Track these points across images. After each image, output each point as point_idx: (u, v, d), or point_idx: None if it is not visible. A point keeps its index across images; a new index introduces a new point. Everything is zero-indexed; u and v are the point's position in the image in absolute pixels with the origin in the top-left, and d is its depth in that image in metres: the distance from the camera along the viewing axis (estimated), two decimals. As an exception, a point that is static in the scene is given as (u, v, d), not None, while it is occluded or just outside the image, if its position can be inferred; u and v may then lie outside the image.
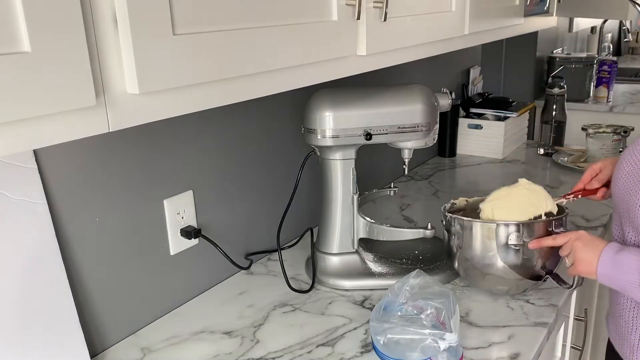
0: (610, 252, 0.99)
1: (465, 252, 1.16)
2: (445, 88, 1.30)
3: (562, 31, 3.15)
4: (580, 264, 1.03)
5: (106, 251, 1.04)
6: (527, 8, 1.63)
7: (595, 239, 1.04)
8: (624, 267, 0.96)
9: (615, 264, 0.98)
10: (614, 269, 0.98)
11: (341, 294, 1.24)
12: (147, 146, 1.07)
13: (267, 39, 0.75)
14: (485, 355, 1.02)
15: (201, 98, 0.70)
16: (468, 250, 1.15)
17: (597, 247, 1.01)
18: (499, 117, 2.19)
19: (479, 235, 1.14)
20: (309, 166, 1.30)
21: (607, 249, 1.00)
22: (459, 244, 1.17)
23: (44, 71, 0.52)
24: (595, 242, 1.03)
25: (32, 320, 0.91)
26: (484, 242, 1.13)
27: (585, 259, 1.03)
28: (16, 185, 0.87)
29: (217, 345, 1.07)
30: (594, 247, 1.02)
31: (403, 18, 1.04)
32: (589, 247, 1.03)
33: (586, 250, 1.03)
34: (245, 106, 1.26)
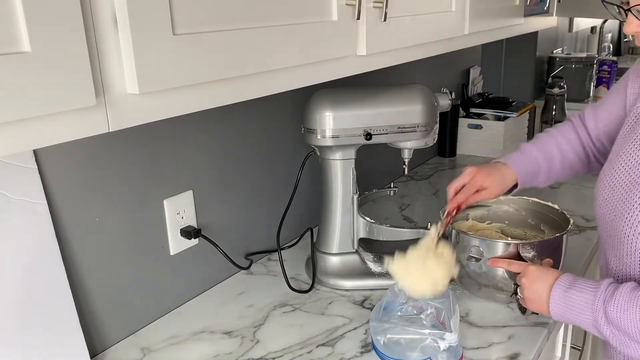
0: (560, 292, 0.91)
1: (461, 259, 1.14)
2: (445, 88, 1.30)
3: (562, 31, 3.15)
4: (530, 304, 0.97)
5: (106, 251, 1.04)
6: (527, 8, 1.63)
7: (542, 275, 0.95)
8: (575, 308, 0.89)
9: (567, 304, 0.90)
10: (566, 309, 0.90)
11: (341, 294, 1.24)
12: (147, 146, 1.07)
13: (267, 39, 0.75)
14: (485, 355, 1.02)
15: (201, 98, 0.70)
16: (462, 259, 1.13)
17: (545, 286, 0.93)
18: (499, 117, 2.19)
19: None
20: (309, 166, 1.30)
21: (556, 288, 0.92)
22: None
23: (44, 71, 0.52)
24: (542, 278, 0.95)
25: (32, 320, 0.91)
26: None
27: (533, 299, 0.95)
28: (16, 185, 0.87)
29: (217, 345, 1.07)
30: (542, 285, 0.94)
31: (403, 18, 1.04)
32: (536, 284, 0.95)
33: (532, 289, 0.96)
34: (245, 106, 1.26)
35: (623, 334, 0.85)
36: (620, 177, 0.97)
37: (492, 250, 1.09)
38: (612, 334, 0.86)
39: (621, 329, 0.85)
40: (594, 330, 0.89)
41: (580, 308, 0.89)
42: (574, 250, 1.26)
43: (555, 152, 1.18)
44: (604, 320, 0.86)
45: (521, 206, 1.30)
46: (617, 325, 0.85)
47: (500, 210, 1.32)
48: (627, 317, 0.84)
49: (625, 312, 0.84)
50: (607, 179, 1.00)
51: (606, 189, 0.99)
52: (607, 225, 0.99)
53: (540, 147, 1.18)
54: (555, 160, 1.18)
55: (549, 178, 1.19)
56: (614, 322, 0.85)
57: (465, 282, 1.18)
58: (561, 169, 1.19)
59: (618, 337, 0.86)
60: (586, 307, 0.88)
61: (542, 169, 1.17)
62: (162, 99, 0.65)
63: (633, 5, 0.88)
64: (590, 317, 0.88)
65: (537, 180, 1.19)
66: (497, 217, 1.31)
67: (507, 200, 1.31)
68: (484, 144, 2.16)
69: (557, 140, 1.19)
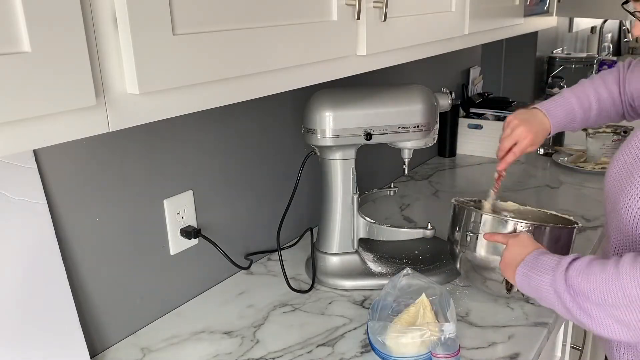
0: (534, 254, 0.93)
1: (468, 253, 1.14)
2: (445, 88, 1.30)
3: (562, 31, 3.16)
4: (505, 266, 0.97)
5: (106, 251, 1.04)
6: (527, 8, 1.63)
7: (527, 243, 0.96)
8: (541, 267, 0.89)
9: (534, 264, 0.91)
10: (532, 270, 0.91)
11: (341, 294, 1.24)
12: (147, 146, 1.07)
13: (267, 39, 0.75)
14: (485, 355, 1.02)
15: (201, 98, 0.70)
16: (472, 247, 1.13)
17: (524, 251, 0.94)
18: (499, 117, 2.19)
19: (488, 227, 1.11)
20: (309, 166, 1.30)
21: (534, 252, 0.93)
22: (463, 242, 1.15)
23: (44, 71, 0.52)
24: (525, 244, 0.96)
25: (32, 320, 0.91)
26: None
27: (510, 260, 0.96)
28: (16, 185, 0.87)
29: (217, 345, 1.07)
30: (522, 250, 0.95)
31: (403, 18, 1.04)
32: (517, 248, 0.96)
33: (511, 251, 0.96)
34: (245, 106, 1.26)
35: (580, 296, 0.83)
36: (633, 153, 0.98)
37: (490, 226, 1.10)
38: (566, 295, 0.84)
39: (577, 290, 0.83)
40: (553, 294, 0.87)
41: (545, 267, 0.89)
42: (573, 251, 1.26)
43: (594, 103, 1.23)
44: (563, 278, 0.85)
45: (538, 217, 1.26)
46: (574, 285, 0.84)
47: None
48: (586, 276, 0.83)
49: (584, 272, 0.83)
50: (622, 154, 1.01)
51: (618, 163, 1.01)
52: (612, 199, 1.00)
53: (579, 95, 1.23)
54: (592, 111, 1.23)
55: (582, 125, 1.26)
56: (572, 282, 0.84)
57: (471, 276, 1.18)
58: (596, 119, 1.25)
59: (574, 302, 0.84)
60: (550, 266, 0.88)
61: (578, 118, 1.23)
62: (162, 99, 0.65)
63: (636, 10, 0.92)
64: (551, 276, 0.87)
65: (570, 128, 1.25)
66: None
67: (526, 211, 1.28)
68: (484, 144, 2.16)
69: (598, 92, 1.23)
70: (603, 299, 0.81)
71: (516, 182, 1.88)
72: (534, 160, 2.12)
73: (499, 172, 1.23)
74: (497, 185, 1.22)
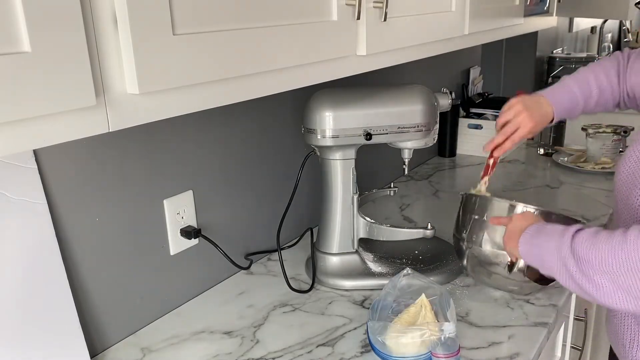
0: (539, 224, 0.94)
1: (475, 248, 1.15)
2: (445, 88, 1.30)
3: (562, 31, 3.16)
4: (508, 239, 0.99)
5: (106, 251, 1.04)
6: (527, 8, 1.63)
7: (530, 216, 0.99)
8: (546, 234, 0.91)
9: (538, 232, 0.92)
10: (536, 237, 0.92)
11: (341, 294, 1.24)
12: (147, 146, 1.07)
13: (267, 39, 0.75)
14: (485, 355, 1.02)
15: (201, 98, 0.70)
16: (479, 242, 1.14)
17: (526, 223, 0.96)
18: (499, 117, 2.19)
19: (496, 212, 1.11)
20: (309, 166, 1.30)
21: (534, 225, 0.95)
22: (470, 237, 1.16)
23: (44, 71, 0.52)
24: (528, 218, 0.98)
25: (32, 320, 0.91)
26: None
27: (513, 232, 0.98)
28: (16, 185, 0.87)
29: (217, 345, 1.07)
30: (524, 222, 0.97)
31: (403, 18, 1.04)
32: (519, 222, 0.98)
33: (518, 222, 0.98)
34: (245, 106, 1.26)
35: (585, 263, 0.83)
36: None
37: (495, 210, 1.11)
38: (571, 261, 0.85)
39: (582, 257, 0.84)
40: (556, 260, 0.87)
41: (550, 234, 0.90)
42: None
43: (595, 89, 1.22)
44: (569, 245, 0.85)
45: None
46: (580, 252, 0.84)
47: None
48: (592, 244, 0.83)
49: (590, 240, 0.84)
50: (633, 150, 1.01)
51: (630, 160, 1.00)
52: (624, 197, 1.00)
53: (581, 83, 1.22)
54: (592, 98, 1.22)
55: (582, 112, 1.25)
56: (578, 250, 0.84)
57: (477, 270, 1.18)
58: (594, 106, 1.24)
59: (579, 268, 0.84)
60: (556, 232, 0.89)
61: (579, 105, 1.22)
62: (162, 99, 0.65)
63: None
64: (556, 242, 0.88)
65: (571, 115, 1.24)
66: None
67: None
68: (484, 144, 2.15)
69: (599, 78, 1.23)
70: (608, 265, 0.81)
71: (516, 182, 1.88)
72: (534, 160, 2.12)
73: (495, 158, 1.21)
74: (491, 172, 1.19)
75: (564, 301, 1.19)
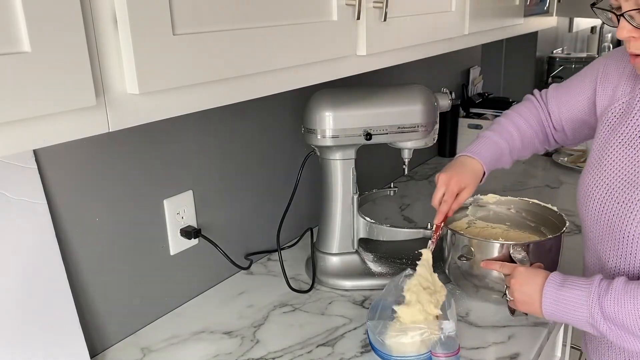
0: (552, 290, 0.91)
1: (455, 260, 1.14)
2: (445, 88, 1.30)
3: (562, 31, 3.16)
4: (521, 305, 0.97)
5: (106, 251, 1.04)
6: (527, 8, 1.63)
7: (533, 276, 0.96)
8: (569, 306, 0.89)
9: (559, 302, 0.90)
10: (559, 307, 0.90)
11: (341, 294, 1.24)
12: (147, 146, 1.07)
13: (267, 39, 0.75)
14: (485, 355, 1.02)
15: (201, 98, 0.70)
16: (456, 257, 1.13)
17: (536, 287, 0.94)
18: (499, 117, 2.19)
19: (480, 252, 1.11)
20: (309, 166, 1.30)
21: (548, 287, 0.92)
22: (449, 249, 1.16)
23: (44, 71, 0.52)
24: (532, 279, 0.95)
25: (32, 320, 0.91)
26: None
27: (524, 300, 0.96)
28: (16, 185, 0.87)
29: (217, 345, 1.07)
30: (532, 286, 0.94)
31: (403, 18, 1.04)
32: (526, 286, 0.95)
33: (522, 291, 0.96)
34: (245, 106, 1.26)
35: (620, 327, 0.85)
36: (614, 178, 0.97)
37: (483, 249, 1.09)
38: (609, 329, 0.86)
39: (618, 323, 0.84)
40: (589, 327, 0.88)
41: (574, 305, 0.89)
42: (572, 251, 1.26)
43: (514, 132, 1.20)
44: (600, 315, 0.86)
45: (521, 207, 1.30)
46: (614, 319, 0.85)
47: (502, 212, 1.32)
48: (624, 310, 0.84)
49: (621, 305, 0.84)
50: (598, 180, 0.99)
51: (600, 189, 0.98)
52: (605, 226, 0.98)
53: (498, 131, 1.20)
54: (515, 139, 1.19)
55: (512, 157, 1.21)
56: (611, 317, 0.85)
57: (462, 284, 1.18)
58: (522, 146, 1.21)
59: (615, 332, 0.86)
60: (580, 303, 0.88)
61: (505, 150, 1.18)
62: (162, 99, 0.65)
63: (625, 11, 0.87)
64: (586, 314, 0.87)
65: (502, 163, 1.20)
66: (499, 218, 1.31)
67: (508, 201, 1.31)
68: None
69: (514, 121, 1.20)
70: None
71: (516, 182, 1.88)
72: (534, 160, 2.12)
73: (437, 225, 1.15)
74: (435, 238, 1.14)
75: (564, 301, 1.19)
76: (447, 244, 1.17)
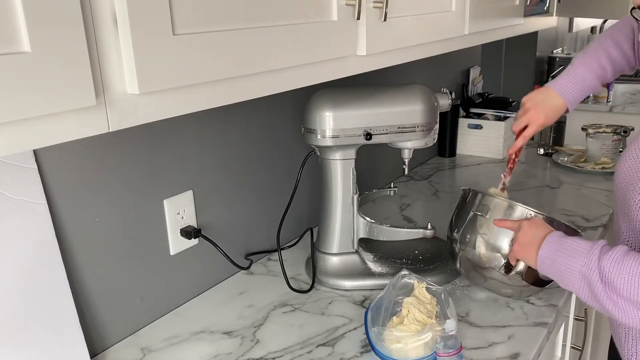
0: (556, 237, 0.93)
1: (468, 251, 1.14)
2: (445, 88, 1.30)
3: (562, 31, 3.16)
4: (519, 248, 0.98)
5: (106, 251, 1.04)
6: (527, 8, 1.63)
7: (543, 224, 0.98)
8: (569, 250, 0.90)
9: (560, 246, 0.91)
10: (558, 252, 0.91)
11: (341, 294, 1.24)
12: (147, 146, 1.07)
13: (267, 39, 0.75)
14: (485, 355, 1.02)
15: (201, 98, 0.70)
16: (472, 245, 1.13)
17: (541, 232, 0.96)
18: (499, 117, 2.19)
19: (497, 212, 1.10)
20: (309, 166, 1.30)
21: (554, 234, 0.94)
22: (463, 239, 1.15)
23: (44, 71, 0.52)
24: (542, 226, 0.98)
25: (33, 320, 0.91)
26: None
27: (524, 242, 0.97)
28: (16, 185, 0.87)
29: (217, 345, 1.07)
30: (539, 230, 0.96)
31: (403, 18, 1.04)
32: (533, 229, 0.97)
33: (527, 233, 0.97)
34: (245, 106, 1.26)
35: (611, 289, 0.84)
36: None
37: (499, 210, 1.10)
38: (598, 284, 0.85)
39: (610, 282, 0.84)
40: (579, 278, 0.87)
41: (572, 252, 0.89)
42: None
43: (607, 65, 1.24)
44: (596, 267, 0.85)
45: None
46: (607, 276, 0.84)
47: None
48: (620, 270, 0.83)
49: (618, 265, 0.83)
50: (633, 149, 1.01)
51: (630, 159, 1.00)
52: (622, 194, 1.00)
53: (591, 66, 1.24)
54: (607, 74, 1.25)
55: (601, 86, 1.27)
56: (605, 272, 0.84)
57: (472, 275, 1.18)
58: (610, 78, 1.27)
59: (603, 291, 0.85)
60: (579, 252, 0.88)
61: (594, 85, 1.25)
62: (162, 99, 0.65)
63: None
64: (580, 262, 0.87)
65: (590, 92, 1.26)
66: None
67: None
68: (484, 144, 2.16)
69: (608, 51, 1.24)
70: (635, 295, 0.82)
71: (516, 182, 1.88)
72: (534, 160, 2.12)
73: (509, 155, 1.25)
74: (509, 171, 1.23)
75: (564, 301, 1.19)
76: (457, 238, 1.17)
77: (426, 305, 1.02)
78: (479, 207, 1.13)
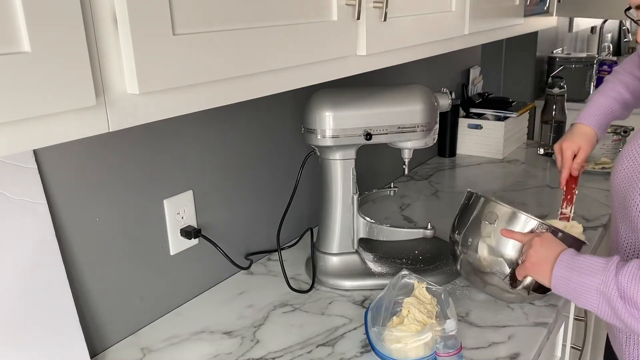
0: (569, 255, 0.92)
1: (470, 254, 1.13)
2: (445, 88, 1.30)
3: (562, 31, 3.16)
4: (531, 266, 0.97)
5: (106, 251, 1.04)
6: (527, 8, 1.63)
7: (555, 241, 0.97)
8: (584, 269, 0.88)
9: (574, 264, 0.90)
10: (572, 270, 0.89)
11: (341, 294, 1.24)
12: (147, 146, 1.07)
13: (267, 39, 0.75)
14: (485, 355, 1.02)
15: (201, 98, 0.70)
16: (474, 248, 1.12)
17: (556, 249, 0.94)
18: (499, 117, 2.19)
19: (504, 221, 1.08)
20: (309, 166, 1.30)
21: (567, 252, 0.92)
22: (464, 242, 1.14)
23: (44, 71, 0.52)
24: (555, 243, 0.96)
25: (33, 320, 0.91)
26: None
27: (537, 260, 0.96)
28: (16, 185, 0.87)
29: (217, 345, 1.07)
30: (552, 248, 0.95)
31: (403, 18, 1.04)
32: (545, 246, 0.96)
33: (539, 251, 0.96)
34: (245, 106, 1.26)
35: (631, 304, 0.82)
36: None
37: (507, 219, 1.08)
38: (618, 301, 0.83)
39: (629, 297, 0.82)
40: (596, 296, 0.86)
41: (589, 269, 0.87)
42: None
43: (622, 89, 1.30)
44: (614, 283, 0.83)
45: None
46: (626, 292, 0.82)
47: None
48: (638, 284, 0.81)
49: (636, 279, 0.82)
50: (631, 149, 1.01)
51: (627, 159, 1.00)
52: (620, 195, 1.00)
53: (605, 91, 1.32)
54: (624, 95, 1.31)
55: (627, 110, 1.34)
56: (624, 288, 0.82)
57: (472, 279, 1.18)
58: (633, 99, 1.32)
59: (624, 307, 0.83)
60: (596, 269, 0.86)
61: (614, 107, 1.30)
62: (162, 99, 0.65)
63: None
64: (598, 279, 0.85)
65: (616, 117, 1.33)
66: None
67: None
68: (484, 144, 2.16)
69: (621, 78, 1.32)
70: None
71: (516, 182, 1.88)
72: (534, 160, 2.12)
73: (562, 189, 1.31)
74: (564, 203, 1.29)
75: (563, 301, 1.19)
76: (458, 240, 1.16)
77: (426, 305, 1.02)
78: (486, 215, 1.11)
